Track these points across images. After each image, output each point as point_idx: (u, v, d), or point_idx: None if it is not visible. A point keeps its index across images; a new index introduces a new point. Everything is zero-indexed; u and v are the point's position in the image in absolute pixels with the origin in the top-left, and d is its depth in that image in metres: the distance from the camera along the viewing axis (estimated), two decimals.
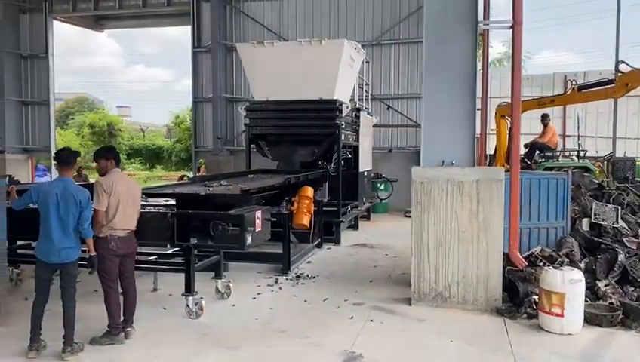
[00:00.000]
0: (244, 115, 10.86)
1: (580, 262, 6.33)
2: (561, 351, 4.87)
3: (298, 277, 7.49)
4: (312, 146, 10.36)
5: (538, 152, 12.03)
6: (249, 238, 5.24)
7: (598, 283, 5.98)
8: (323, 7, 16.25)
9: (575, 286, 5.24)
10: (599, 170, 11.80)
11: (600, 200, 7.81)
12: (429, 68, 6.21)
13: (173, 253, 6.83)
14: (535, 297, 5.69)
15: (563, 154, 12.28)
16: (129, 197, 5.05)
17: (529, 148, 12.12)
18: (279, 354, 4.87)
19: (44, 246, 4.68)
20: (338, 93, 10.14)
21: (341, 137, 10.15)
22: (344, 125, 10.38)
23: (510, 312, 5.74)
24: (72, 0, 18.41)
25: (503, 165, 10.52)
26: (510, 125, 8.58)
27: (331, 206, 10.05)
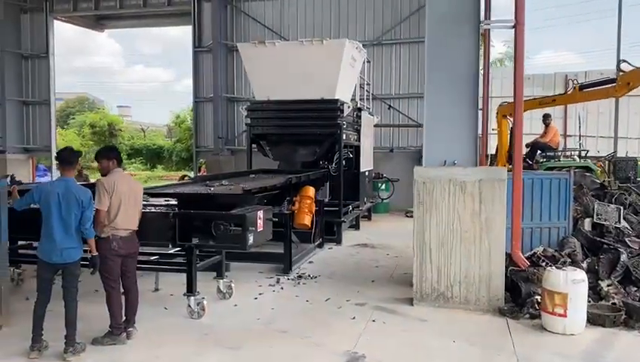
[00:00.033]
0: (245, 115, 10.85)
1: (583, 262, 6.33)
2: (564, 351, 4.87)
3: (300, 277, 7.49)
4: (314, 146, 10.35)
5: (539, 152, 12.02)
6: (251, 238, 5.24)
7: (600, 284, 5.98)
8: (324, 7, 16.24)
9: (578, 286, 5.23)
10: (601, 170, 11.78)
11: (602, 200, 7.81)
12: (430, 68, 6.19)
13: (174, 253, 6.82)
14: (538, 297, 5.68)
15: (564, 154, 12.27)
16: (131, 197, 5.04)
17: (530, 148, 12.08)
18: (281, 354, 4.86)
19: (46, 246, 4.68)
20: (339, 93, 10.14)
21: (342, 137, 10.15)
22: (345, 125, 10.37)
23: (513, 312, 5.73)
24: (72, 0, 18.43)
25: (504, 165, 10.51)
26: (512, 125, 8.56)
27: (332, 206, 10.04)
